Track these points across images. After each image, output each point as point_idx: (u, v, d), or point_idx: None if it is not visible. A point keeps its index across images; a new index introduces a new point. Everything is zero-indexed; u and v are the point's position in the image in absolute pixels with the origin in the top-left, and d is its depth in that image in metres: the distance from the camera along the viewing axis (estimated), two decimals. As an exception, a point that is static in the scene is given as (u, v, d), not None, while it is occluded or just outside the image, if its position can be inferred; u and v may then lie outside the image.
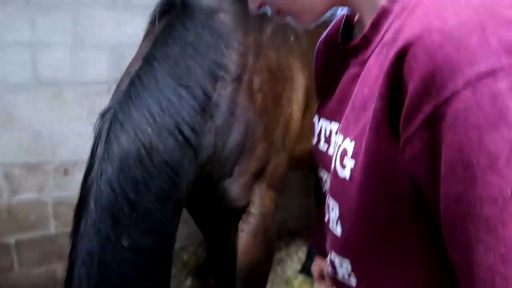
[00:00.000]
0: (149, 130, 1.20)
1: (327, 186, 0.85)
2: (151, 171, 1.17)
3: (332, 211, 0.74)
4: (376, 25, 0.64)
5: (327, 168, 0.82)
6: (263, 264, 1.65)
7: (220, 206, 1.59)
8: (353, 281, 0.73)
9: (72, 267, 1.15)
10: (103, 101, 1.30)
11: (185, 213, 1.44)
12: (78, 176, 2.76)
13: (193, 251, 3.28)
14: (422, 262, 0.64)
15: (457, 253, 0.51)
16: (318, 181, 1.04)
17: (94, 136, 1.27)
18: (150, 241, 1.16)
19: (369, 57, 0.66)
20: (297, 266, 3.07)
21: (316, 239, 1.36)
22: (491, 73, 0.44)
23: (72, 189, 2.80)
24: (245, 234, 1.60)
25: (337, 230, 0.73)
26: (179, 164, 1.23)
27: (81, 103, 2.71)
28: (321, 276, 1.41)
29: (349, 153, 0.66)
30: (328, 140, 0.83)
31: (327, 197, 0.77)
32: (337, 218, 0.73)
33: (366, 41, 0.67)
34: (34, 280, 2.83)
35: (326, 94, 0.85)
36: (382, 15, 0.62)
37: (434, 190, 0.53)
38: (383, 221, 0.64)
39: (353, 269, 0.73)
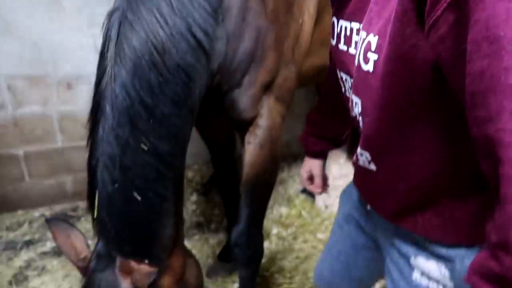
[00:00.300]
0: (161, 32, 1.14)
1: (347, 85, 0.92)
2: (165, 74, 1.13)
3: (356, 107, 0.82)
4: None
5: (347, 68, 0.89)
6: (269, 176, 1.67)
7: (228, 118, 1.57)
8: (373, 167, 0.86)
9: (93, 172, 1.16)
10: (104, 11, 1.22)
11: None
12: (81, 90, 2.77)
13: (197, 169, 3.37)
14: (434, 144, 0.73)
15: (479, 127, 0.54)
16: (329, 79, 1.17)
17: (103, 36, 1.21)
18: (168, 146, 1.16)
19: None
20: (299, 186, 3.16)
21: (305, 137, 1.43)
22: None
23: (76, 103, 2.79)
24: (252, 146, 1.60)
25: (359, 122, 0.81)
26: (192, 68, 1.19)
27: (81, 12, 2.58)
28: (310, 178, 1.49)
29: (373, 47, 0.70)
30: (348, 40, 0.87)
31: (350, 94, 0.84)
32: (358, 112, 0.80)
33: None
34: (45, 191, 2.94)
35: None
36: None
37: (457, 70, 0.57)
38: (402, 110, 0.70)
39: (372, 159, 0.84)
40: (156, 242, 1.19)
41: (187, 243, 2.54)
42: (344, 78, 0.93)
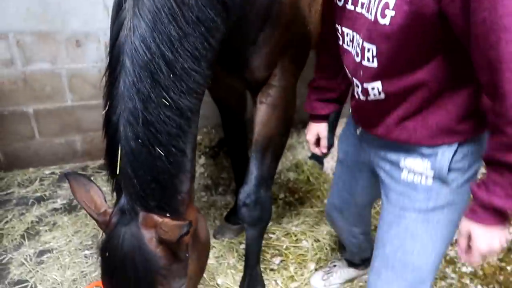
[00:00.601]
0: None
1: (347, 38, 1.17)
2: (184, 28, 1.10)
3: (368, 51, 1.06)
4: None
5: (353, 23, 1.12)
6: (280, 137, 1.65)
7: (241, 77, 1.54)
8: (383, 95, 1.12)
9: (115, 128, 1.14)
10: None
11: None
12: (90, 49, 2.72)
13: (206, 132, 3.35)
14: (434, 68, 1.01)
15: (481, 55, 0.87)
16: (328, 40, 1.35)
17: None
18: (188, 101, 1.15)
19: None
20: (307, 153, 3.14)
21: (311, 104, 1.56)
22: None
23: (84, 62, 2.76)
24: (265, 105, 1.57)
25: (373, 64, 1.07)
26: (211, 21, 1.15)
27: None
28: (317, 142, 1.64)
29: (391, 6, 0.95)
30: (356, 1, 1.09)
31: (361, 42, 1.08)
32: (373, 56, 1.06)
33: None
34: (55, 150, 2.96)
35: None
36: None
37: (463, 21, 0.87)
38: (415, 48, 0.99)
39: (383, 89, 1.10)
40: (176, 196, 1.20)
41: (195, 204, 2.57)
42: (346, 33, 1.17)
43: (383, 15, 0.97)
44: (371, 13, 1.01)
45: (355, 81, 1.18)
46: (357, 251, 1.89)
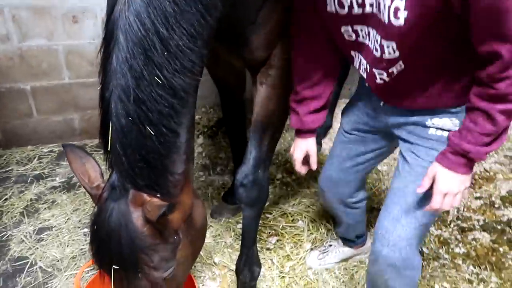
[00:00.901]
0: None
1: (362, 33, 1.22)
2: (181, 4, 1.07)
3: (388, 47, 1.15)
4: None
5: (367, 21, 1.17)
6: (279, 118, 1.64)
7: (240, 57, 1.51)
8: (401, 74, 1.21)
9: (107, 104, 1.13)
10: None
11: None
12: (87, 25, 2.68)
13: (204, 112, 3.35)
14: (444, 48, 1.13)
15: (486, 35, 1.01)
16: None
17: None
18: (182, 80, 1.13)
19: None
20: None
21: (300, 119, 1.53)
22: None
23: (81, 38, 2.72)
24: (264, 86, 1.55)
25: (395, 54, 1.15)
26: None
27: None
28: (305, 162, 1.63)
29: (402, 8, 1.03)
30: (362, 4, 1.15)
31: (379, 39, 1.16)
32: (393, 49, 1.15)
33: None
34: (53, 127, 2.95)
35: None
36: None
37: (470, 11, 0.98)
38: (428, 38, 1.09)
39: (405, 67, 1.19)
40: (168, 177, 1.20)
41: (193, 184, 2.58)
42: (359, 29, 1.22)
43: (397, 17, 1.06)
44: (383, 15, 1.08)
45: (375, 70, 1.25)
46: (353, 223, 1.93)
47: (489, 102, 1.07)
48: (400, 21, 1.05)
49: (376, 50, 1.19)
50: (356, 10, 1.17)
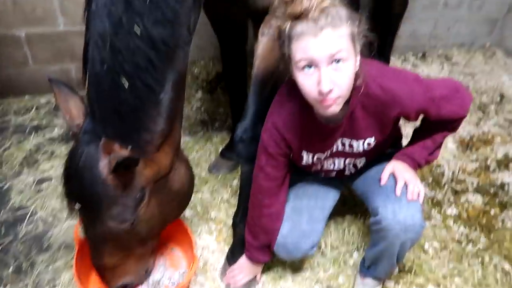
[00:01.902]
0: None
1: (342, 160, 1.60)
2: None
3: (360, 163, 1.63)
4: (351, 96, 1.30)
5: (342, 155, 1.55)
6: (280, 72, 1.60)
7: (242, 6, 1.45)
8: (364, 162, 1.64)
9: (86, 47, 1.12)
10: None
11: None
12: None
13: (203, 65, 3.27)
14: (390, 133, 1.52)
15: (434, 118, 1.45)
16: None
17: None
18: (163, 32, 1.08)
19: (352, 113, 1.36)
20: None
21: (252, 254, 1.69)
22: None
23: (77, -16, 2.60)
24: (266, 37, 1.50)
25: (362, 162, 1.63)
26: None
27: None
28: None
29: (372, 141, 1.47)
30: (332, 155, 1.56)
31: (352, 161, 1.60)
32: (364, 160, 1.61)
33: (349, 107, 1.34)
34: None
35: (312, 141, 1.47)
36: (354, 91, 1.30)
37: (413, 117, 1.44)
38: (386, 138, 1.52)
39: (366, 160, 1.63)
40: (141, 132, 1.19)
41: (191, 140, 2.58)
42: (331, 161, 1.59)
43: (368, 145, 1.48)
44: (357, 150, 1.50)
45: (346, 168, 1.66)
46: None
47: (443, 138, 1.57)
48: (371, 145, 1.48)
49: (346, 167, 1.62)
50: (329, 154, 1.52)
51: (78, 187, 1.19)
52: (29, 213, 2.04)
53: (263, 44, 1.52)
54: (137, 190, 1.24)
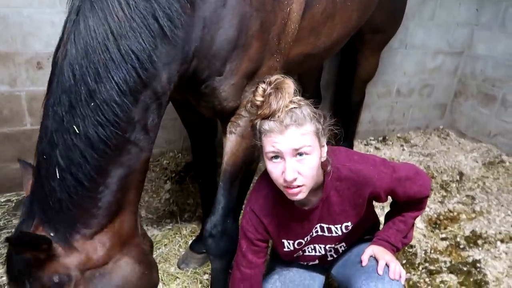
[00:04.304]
0: (120, 13, 1.09)
1: (322, 247, 1.61)
2: (116, 59, 1.10)
3: (341, 248, 1.66)
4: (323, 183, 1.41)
5: (320, 241, 1.58)
6: (249, 166, 1.64)
7: (209, 107, 1.52)
8: (344, 247, 1.67)
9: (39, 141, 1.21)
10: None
11: (164, 120, 1.38)
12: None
13: (172, 156, 3.30)
14: (366, 216, 1.55)
15: (402, 198, 1.52)
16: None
17: (68, 13, 1.16)
18: (104, 133, 1.14)
19: (326, 197, 1.43)
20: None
21: None
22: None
23: (46, 84, 2.66)
24: (234, 135, 1.56)
25: (342, 248, 1.66)
26: (148, 55, 1.14)
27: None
28: None
29: (349, 225, 1.52)
30: (312, 241, 1.56)
31: (332, 246, 1.62)
32: (343, 245, 1.64)
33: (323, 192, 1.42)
34: (12, 175, 2.81)
35: (290, 227, 1.49)
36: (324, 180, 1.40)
37: (383, 197, 1.48)
38: (363, 219, 1.55)
39: (345, 244, 1.66)
40: (67, 222, 1.21)
41: (159, 233, 2.49)
42: (311, 247, 1.60)
43: (346, 229, 1.52)
44: (336, 233, 1.53)
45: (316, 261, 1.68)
46: None
47: (413, 219, 1.62)
48: (348, 229, 1.52)
49: (326, 254, 1.64)
50: (309, 239, 1.54)
51: (9, 267, 1.24)
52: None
53: (231, 141, 1.59)
54: (55, 273, 1.21)
